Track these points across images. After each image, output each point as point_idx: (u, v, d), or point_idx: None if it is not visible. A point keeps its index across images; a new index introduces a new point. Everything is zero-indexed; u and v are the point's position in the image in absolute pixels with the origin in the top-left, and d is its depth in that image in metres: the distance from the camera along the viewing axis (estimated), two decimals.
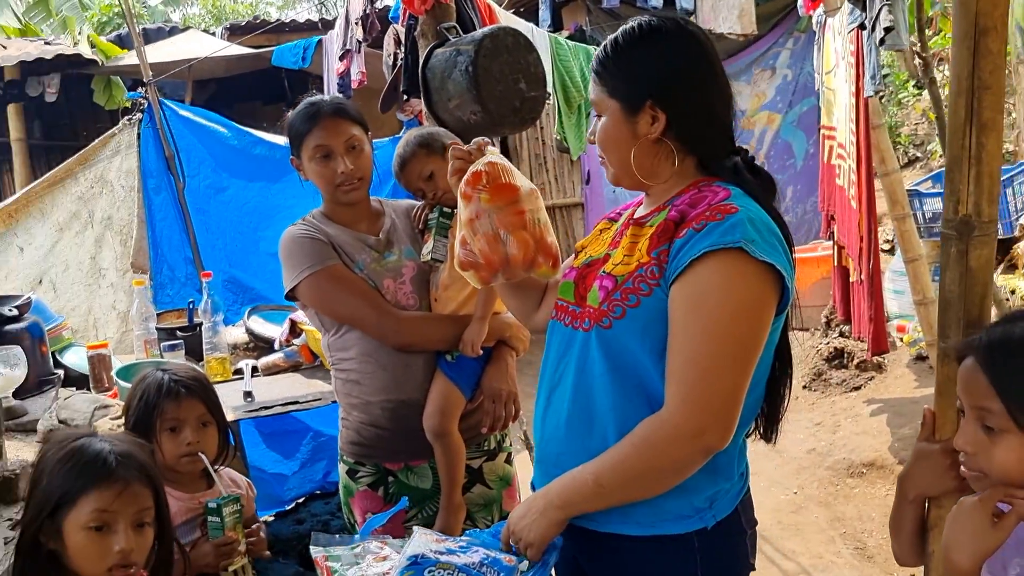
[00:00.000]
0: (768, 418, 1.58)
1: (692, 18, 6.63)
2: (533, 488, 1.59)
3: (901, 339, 5.50)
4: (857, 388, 5.30)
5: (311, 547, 1.48)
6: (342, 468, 2.34)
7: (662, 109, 1.48)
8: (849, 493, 4.24)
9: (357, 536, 1.57)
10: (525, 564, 1.40)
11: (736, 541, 1.54)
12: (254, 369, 3.18)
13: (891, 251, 6.50)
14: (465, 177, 1.63)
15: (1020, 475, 1.17)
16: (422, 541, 1.36)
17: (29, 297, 3.14)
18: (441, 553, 1.31)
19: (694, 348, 1.35)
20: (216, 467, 2.09)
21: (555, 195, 7.90)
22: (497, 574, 1.30)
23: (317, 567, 1.39)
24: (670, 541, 1.47)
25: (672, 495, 1.44)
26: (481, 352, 2.25)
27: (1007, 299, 4.95)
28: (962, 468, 1.25)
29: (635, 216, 1.57)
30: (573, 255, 1.72)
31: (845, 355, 5.54)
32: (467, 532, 1.67)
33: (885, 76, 8.81)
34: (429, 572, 1.27)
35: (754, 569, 1.58)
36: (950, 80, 1.33)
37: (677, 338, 1.38)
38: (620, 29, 1.55)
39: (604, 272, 1.51)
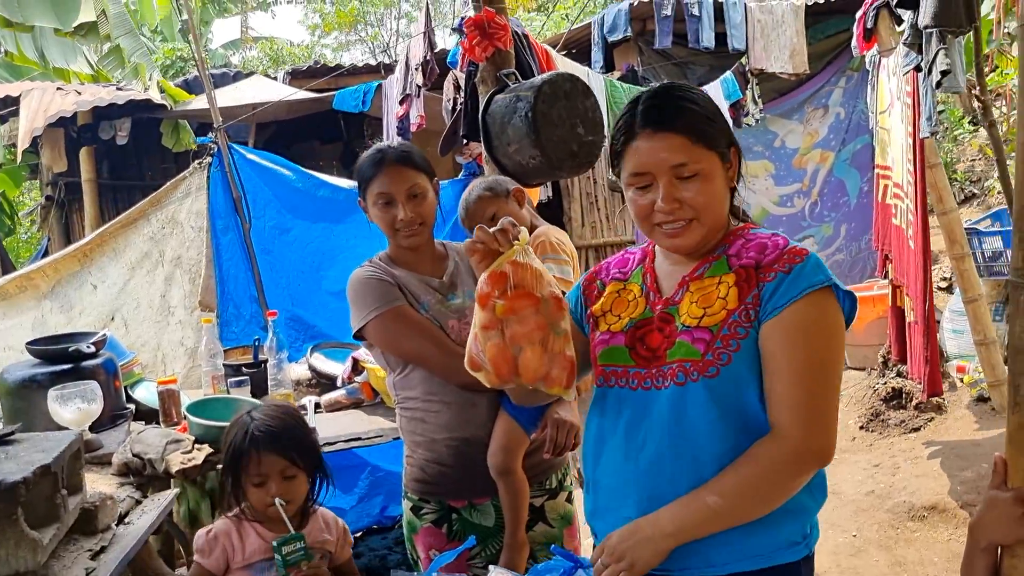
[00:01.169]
0: None
1: (744, 58, 6.68)
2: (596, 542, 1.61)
3: (961, 380, 5.40)
4: (916, 429, 5.21)
5: None
6: (406, 505, 2.37)
7: (735, 149, 1.61)
8: (910, 537, 4.16)
9: (426, 573, 1.61)
10: None
11: (813, 569, 1.60)
12: (317, 405, 3.26)
13: (949, 290, 6.41)
14: (486, 275, 1.54)
15: None
16: None
17: (105, 334, 3.25)
18: None
19: (801, 374, 1.47)
20: (312, 506, 2.18)
21: (606, 233, 7.94)
22: None
23: None
24: (783, 571, 1.53)
25: (788, 520, 1.52)
26: None
27: None
28: None
29: (692, 274, 1.61)
30: (590, 321, 1.73)
31: (904, 395, 5.45)
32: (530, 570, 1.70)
33: (940, 113, 8.74)
34: None
35: None
36: (1016, 132, 1.35)
37: (781, 367, 1.48)
38: (662, 91, 1.58)
39: (686, 327, 1.55)
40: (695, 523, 1.47)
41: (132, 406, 3.32)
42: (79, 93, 7.30)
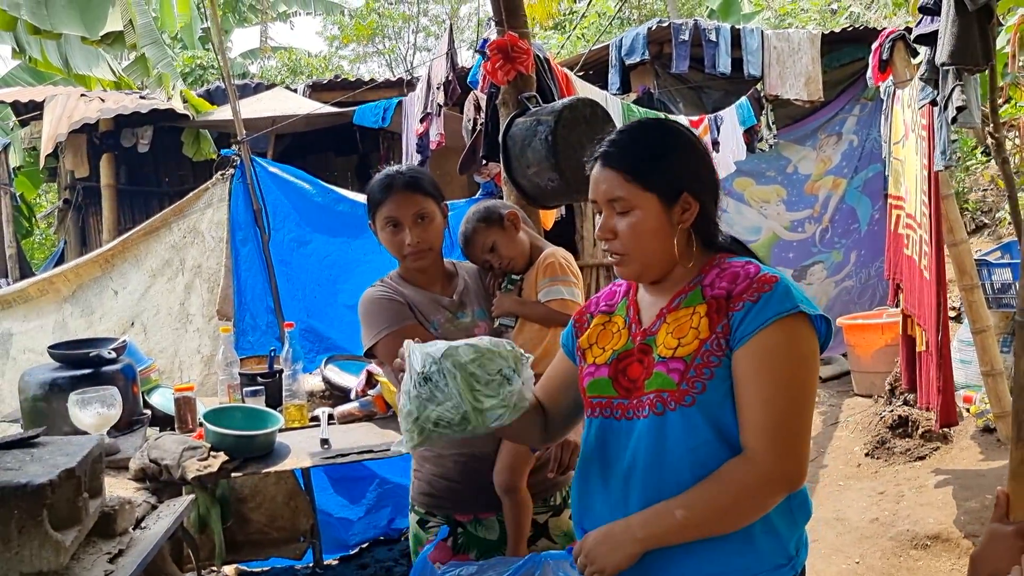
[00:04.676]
0: None
1: (759, 84, 6.74)
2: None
3: (967, 410, 5.41)
4: (922, 458, 5.22)
5: None
6: (412, 518, 2.42)
7: (695, 198, 1.62)
8: (913, 566, 4.17)
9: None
10: None
11: None
12: (330, 417, 3.31)
13: (957, 319, 6.43)
14: None
15: None
16: None
17: (124, 340, 3.30)
18: None
19: (771, 398, 1.50)
20: None
21: None
22: None
23: None
24: None
25: (767, 540, 1.56)
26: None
27: None
28: None
29: (669, 305, 1.66)
30: (579, 353, 1.79)
31: (910, 424, 5.47)
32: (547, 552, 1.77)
33: (953, 143, 8.78)
34: None
35: None
36: None
37: (752, 392, 1.52)
38: (636, 126, 1.71)
39: (662, 358, 1.60)
40: (663, 532, 1.53)
41: (148, 412, 3.37)
42: (102, 100, 7.40)
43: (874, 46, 5.06)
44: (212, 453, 2.86)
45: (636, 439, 1.60)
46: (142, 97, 7.56)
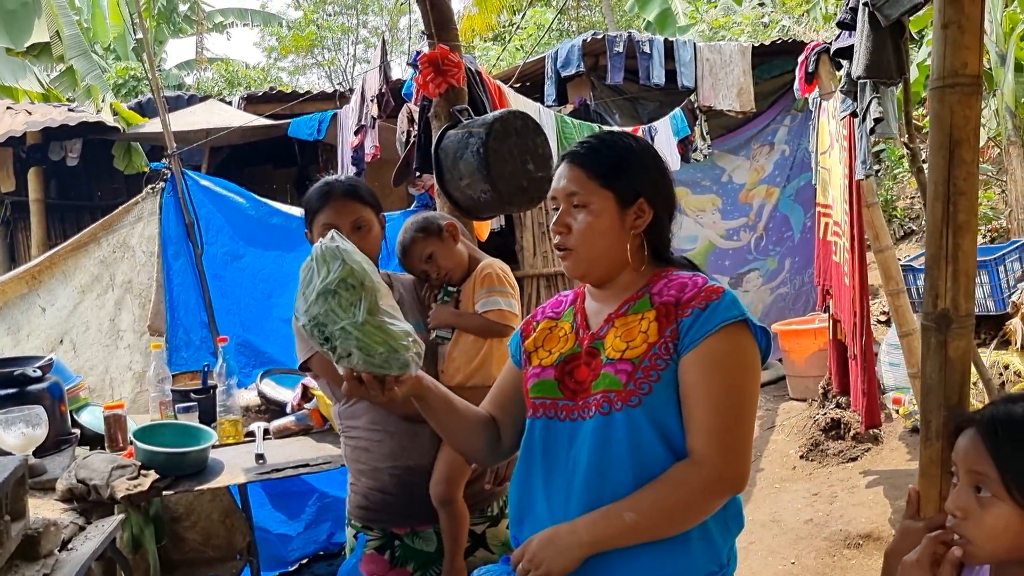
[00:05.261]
0: None
1: (693, 96, 6.87)
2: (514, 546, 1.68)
3: (897, 411, 5.58)
4: (854, 459, 5.36)
5: None
6: (349, 532, 2.41)
7: (650, 206, 1.67)
8: (846, 565, 4.28)
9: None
10: None
11: None
12: (266, 432, 3.27)
13: (888, 323, 6.62)
14: None
15: (1004, 542, 1.28)
16: None
17: (51, 358, 3.23)
18: None
19: (717, 404, 1.54)
20: None
21: (558, 263, 8.04)
22: None
23: None
24: None
25: (702, 546, 1.58)
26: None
27: (1001, 374, 5.05)
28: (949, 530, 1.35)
29: (617, 311, 1.69)
30: (524, 355, 1.82)
31: (842, 426, 5.62)
32: (482, 568, 1.76)
33: (880, 152, 9.04)
34: None
35: None
36: (927, 185, 1.45)
37: (699, 397, 1.55)
38: (605, 133, 1.76)
39: (610, 360, 1.62)
40: (611, 536, 1.54)
41: (77, 431, 3.29)
42: (30, 113, 7.22)
43: (800, 59, 5.21)
44: (143, 471, 2.81)
45: (580, 440, 1.61)
46: (71, 110, 7.38)
